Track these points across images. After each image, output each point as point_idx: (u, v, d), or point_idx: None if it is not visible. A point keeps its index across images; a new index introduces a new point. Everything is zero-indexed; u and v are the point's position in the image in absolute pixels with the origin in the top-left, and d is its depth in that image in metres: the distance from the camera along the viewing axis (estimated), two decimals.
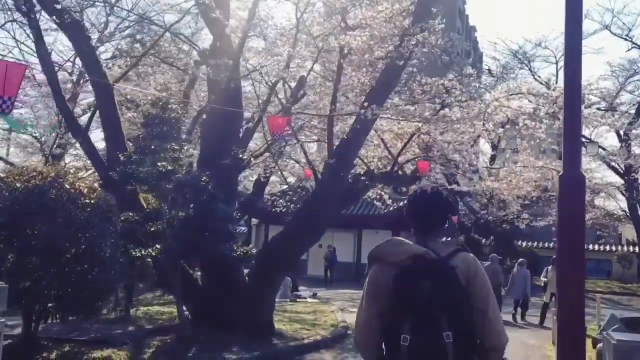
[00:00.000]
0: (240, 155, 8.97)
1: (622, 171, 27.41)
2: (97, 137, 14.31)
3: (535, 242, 32.69)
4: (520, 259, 15.95)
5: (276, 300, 12.14)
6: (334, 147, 10.21)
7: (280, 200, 19.15)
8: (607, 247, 32.65)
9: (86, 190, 6.85)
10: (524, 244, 31.69)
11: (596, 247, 32.37)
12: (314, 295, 17.41)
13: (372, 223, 26.25)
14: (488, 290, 2.39)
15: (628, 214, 28.78)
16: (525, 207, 28.30)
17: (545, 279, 13.87)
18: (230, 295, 9.35)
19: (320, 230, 9.98)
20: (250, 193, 18.54)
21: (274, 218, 24.45)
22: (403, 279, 2.29)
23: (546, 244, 33.02)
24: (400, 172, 11.92)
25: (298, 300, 16.15)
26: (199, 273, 10.57)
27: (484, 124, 9.81)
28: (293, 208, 21.30)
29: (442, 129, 11.19)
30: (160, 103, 8.51)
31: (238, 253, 8.46)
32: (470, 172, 26.83)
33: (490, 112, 9.29)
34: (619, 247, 32.38)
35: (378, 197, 20.04)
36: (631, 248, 31.59)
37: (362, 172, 10.94)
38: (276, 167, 13.65)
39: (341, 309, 15.16)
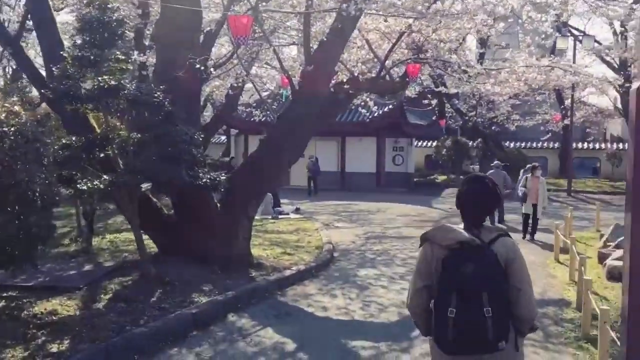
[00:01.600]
0: (201, 66, 7.53)
1: (616, 66, 26.20)
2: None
3: (524, 143, 31.88)
4: (496, 162, 15.37)
5: (257, 217, 11.17)
6: (312, 51, 8.81)
7: (257, 111, 17.72)
8: (597, 145, 32.04)
9: (4, 115, 5.50)
10: (512, 144, 30.86)
11: (585, 145, 31.74)
12: (297, 210, 16.52)
13: (356, 130, 25.05)
14: (524, 271, 2.77)
15: (621, 111, 27.84)
16: (516, 107, 27.17)
17: (524, 189, 12.62)
18: (199, 225, 8.30)
19: (298, 148, 8.79)
20: (224, 103, 17.06)
21: (253, 128, 23.15)
22: (452, 261, 2.67)
23: (534, 144, 32.27)
24: (387, 77, 10.58)
25: (280, 217, 15.25)
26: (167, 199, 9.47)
27: (487, 18, 8.42)
28: (272, 118, 19.99)
29: (435, 25, 9.76)
30: (97, 2, 6.95)
31: (204, 181, 7.27)
32: (459, 73, 25.42)
33: (495, 2, 7.86)
34: (606, 145, 31.76)
35: (362, 103, 18.66)
36: (615, 145, 30.96)
37: (345, 80, 9.58)
38: (248, 77, 12.15)
39: (326, 224, 14.33)
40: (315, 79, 8.39)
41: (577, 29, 27.22)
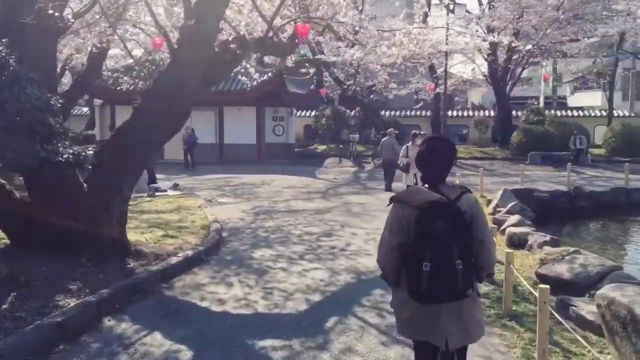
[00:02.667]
0: (55, 13, 6.08)
1: (485, 32, 27.23)
2: None
3: (398, 112, 32.49)
4: (390, 129, 15.86)
5: (131, 196, 9.81)
6: (192, 3, 7.62)
7: (125, 78, 15.91)
8: (464, 113, 33.51)
9: None
10: (388, 113, 31.28)
11: (453, 113, 33.04)
12: (176, 186, 15.17)
13: (234, 100, 23.82)
14: (486, 224, 3.09)
15: (488, 79, 29.14)
16: (392, 76, 27.39)
17: (407, 158, 12.34)
18: (61, 209, 6.91)
19: (179, 118, 7.61)
20: (86, 67, 15.00)
21: (120, 97, 21.06)
22: (423, 220, 2.86)
23: (408, 112, 33.03)
24: (275, 39, 9.63)
25: (157, 194, 13.86)
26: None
27: None
28: (142, 85, 18.15)
29: None
30: None
31: (66, 156, 5.93)
32: (334, 40, 24.95)
33: None
34: (473, 112, 33.32)
35: (243, 70, 17.53)
36: (477, 112, 32.60)
37: (230, 39, 8.49)
38: (114, 35, 10.57)
39: (209, 200, 13.23)
40: (197, 36, 7.24)
41: None
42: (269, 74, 23.62)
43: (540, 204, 12.35)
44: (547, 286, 4.19)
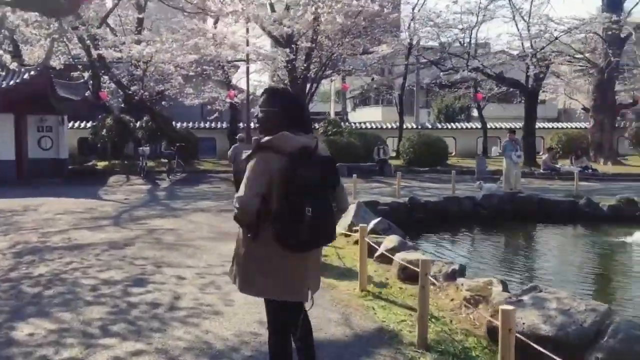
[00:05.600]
0: None
1: (282, 41, 25.74)
2: None
3: (192, 123, 29.23)
4: (240, 134, 14.93)
5: None
6: None
7: None
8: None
9: None
10: (183, 124, 27.83)
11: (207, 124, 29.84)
12: None
13: None
14: (338, 169, 3.16)
15: (290, 88, 27.71)
16: (188, 80, 24.31)
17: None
18: None
19: None
20: None
21: None
22: (298, 166, 2.84)
23: (202, 124, 29.88)
24: None
25: None
26: None
27: None
28: None
29: None
30: None
31: None
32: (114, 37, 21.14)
33: None
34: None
35: None
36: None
37: None
38: None
39: None
40: None
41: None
42: (31, 73, 18.88)
43: (386, 218, 10.70)
44: None
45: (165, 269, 6.93)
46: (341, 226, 8.96)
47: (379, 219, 8.88)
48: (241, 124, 30.88)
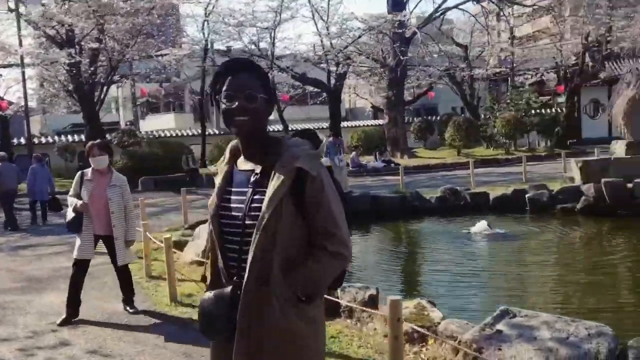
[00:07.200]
0: None
1: (60, 41, 22.21)
2: None
3: None
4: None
5: None
6: None
7: None
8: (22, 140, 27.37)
9: None
10: None
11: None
12: None
13: None
14: None
15: (74, 95, 24.18)
16: None
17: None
18: None
19: None
20: None
21: None
22: None
23: None
24: None
25: None
26: None
27: None
28: None
29: None
30: None
31: None
32: None
33: None
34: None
35: None
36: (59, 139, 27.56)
37: None
38: None
39: None
40: None
41: None
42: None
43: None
44: None
45: None
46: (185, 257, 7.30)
47: None
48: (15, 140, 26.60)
